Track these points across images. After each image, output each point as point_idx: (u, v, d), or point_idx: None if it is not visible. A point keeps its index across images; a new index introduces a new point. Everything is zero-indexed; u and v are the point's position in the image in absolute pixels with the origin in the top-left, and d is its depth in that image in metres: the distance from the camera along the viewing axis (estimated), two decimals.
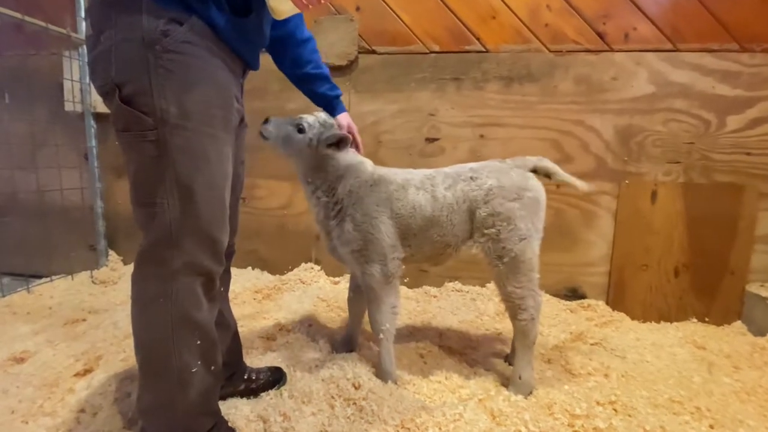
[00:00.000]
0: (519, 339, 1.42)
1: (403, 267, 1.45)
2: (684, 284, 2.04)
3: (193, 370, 1.01)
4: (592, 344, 1.77)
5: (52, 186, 2.33)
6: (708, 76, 1.97)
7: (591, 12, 2.02)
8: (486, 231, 1.37)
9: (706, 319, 2.00)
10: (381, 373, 1.42)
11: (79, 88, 2.34)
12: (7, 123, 2.27)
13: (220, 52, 1.00)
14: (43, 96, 2.39)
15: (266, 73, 1.38)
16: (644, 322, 2.03)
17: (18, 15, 1.97)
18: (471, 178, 1.41)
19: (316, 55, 1.40)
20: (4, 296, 2.04)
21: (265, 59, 1.26)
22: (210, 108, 0.98)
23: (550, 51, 2.07)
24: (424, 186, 1.42)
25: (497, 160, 1.49)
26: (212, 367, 1.07)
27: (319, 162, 1.40)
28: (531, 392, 1.38)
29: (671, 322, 2.03)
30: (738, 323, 1.96)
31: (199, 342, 1.03)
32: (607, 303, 2.12)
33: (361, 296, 1.51)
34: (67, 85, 2.32)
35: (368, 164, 1.47)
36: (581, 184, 1.48)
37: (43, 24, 2.08)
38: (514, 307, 1.39)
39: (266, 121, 1.41)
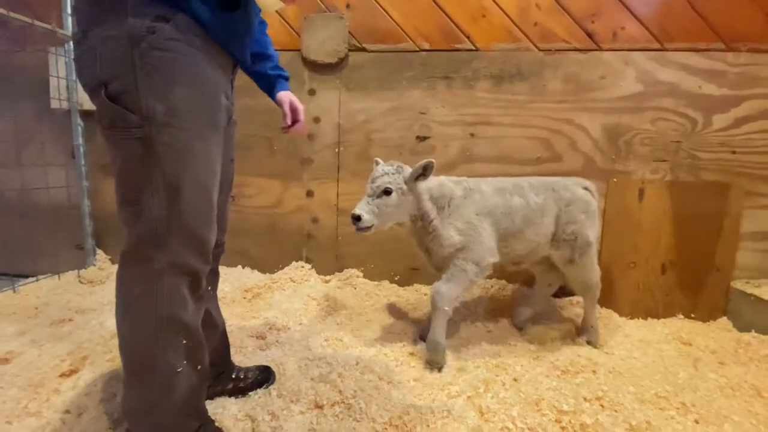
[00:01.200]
0: (589, 302, 1.77)
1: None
2: (671, 281, 2.07)
3: (179, 371, 1.00)
4: (580, 341, 1.78)
5: (37, 184, 2.29)
6: (695, 76, 1.99)
7: (580, 11, 2.03)
8: (565, 237, 1.68)
9: (693, 316, 2.03)
10: (433, 345, 1.53)
11: (65, 85, 2.30)
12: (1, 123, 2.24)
13: (209, 49, 0.99)
14: (28, 93, 2.35)
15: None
16: (632, 318, 2.05)
17: (3, 11, 1.93)
18: (553, 189, 1.70)
19: (266, 38, 1.37)
20: None
21: None
22: (198, 106, 0.97)
23: (540, 50, 2.08)
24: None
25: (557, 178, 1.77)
26: (198, 367, 1.06)
27: (414, 199, 1.55)
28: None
29: (658, 318, 2.05)
30: (723, 319, 1.98)
31: (185, 342, 1.02)
32: None
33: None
34: (53, 82, 2.29)
35: (445, 179, 1.67)
36: None
37: (28, 20, 2.04)
38: (586, 288, 1.76)
39: (357, 218, 1.47)
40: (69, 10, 2.28)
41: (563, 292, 2.18)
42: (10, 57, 2.39)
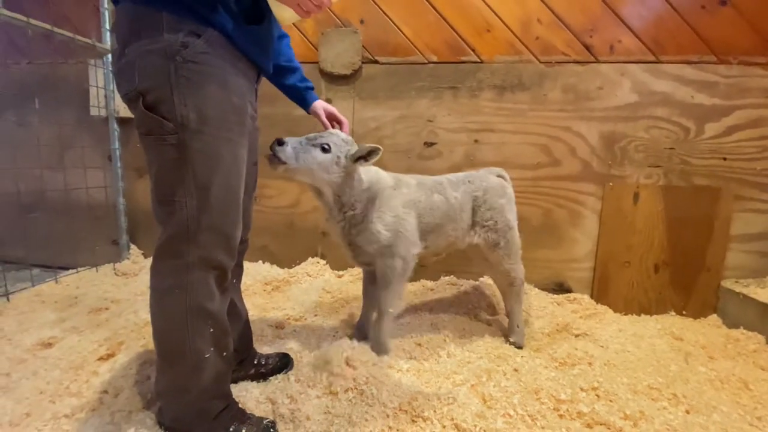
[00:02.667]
0: (515, 300, 1.69)
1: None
2: (663, 280, 2.04)
3: (206, 356, 1.02)
4: (577, 335, 1.76)
5: (78, 185, 2.34)
6: (687, 86, 1.96)
7: (579, 26, 2.01)
8: (485, 223, 1.61)
9: (684, 313, 2.00)
10: (377, 345, 1.46)
11: (103, 94, 2.35)
12: (37, 126, 2.28)
13: (236, 60, 1.01)
14: (70, 101, 2.39)
15: (276, 100, 1.38)
16: (626, 314, 2.03)
17: (48, 26, 1.97)
18: (469, 181, 1.62)
19: (290, 51, 1.38)
20: (33, 286, 2.04)
21: None
22: (226, 114, 0.98)
23: (541, 62, 2.07)
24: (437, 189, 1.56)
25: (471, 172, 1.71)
26: (224, 353, 1.07)
27: (345, 178, 1.35)
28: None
29: (651, 315, 2.02)
30: (713, 316, 1.95)
31: (211, 330, 1.03)
32: (592, 297, 2.11)
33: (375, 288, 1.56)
34: (92, 91, 2.33)
35: (381, 171, 1.52)
36: None
37: (70, 35, 2.08)
38: (510, 280, 1.67)
39: (280, 142, 1.23)
40: (107, 26, 2.32)
41: (561, 288, 2.18)
42: (53, 68, 2.44)
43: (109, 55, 2.33)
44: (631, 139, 2.03)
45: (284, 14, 1.03)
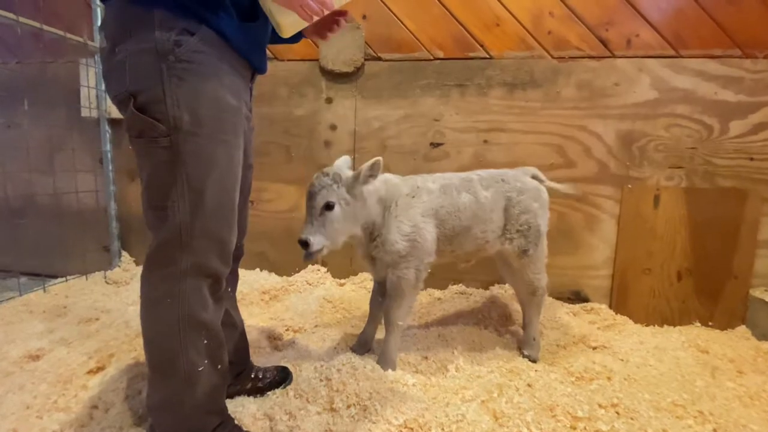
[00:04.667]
0: (534, 312, 1.67)
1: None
2: (687, 288, 2.02)
3: (200, 369, 1.02)
4: (594, 347, 1.75)
5: (68, 189, 2.36)
6: (710, 82, 1.95)
7: (594, 19, 2.02)
8: (519, 227, 1.58)
9: (710, 324, 1.98)
10: (384, 359, 1.46)
11: (95, 94, 2.38)
12: (26, 128, 2.31)
13: (230, 59, 1.02)
14: (60, 102, 2.43)
15: (274, 78, 1.38)
16: (647, 325, 2.01)
17: (37, 24, 2.01)
18: (502, 180, 1.60)
19: None
20: (21, 295, 2.06)
21: (273, 66, 1.26)
22: (221, 114, 0.99)
23: (553, 57, 2.07)
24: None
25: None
26: (219, 366, 1.07)
27: (362, 204, 1.39)
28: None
29: (674, 326, 2.00)
30: (742, 327, 1.93)
31: (205, 341, 1.04)
32: (610, 306, 2.10)
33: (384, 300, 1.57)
34: (83, 91, 2.36)
35: (393, 178, 1.53)
36: (565, 188, 1.73)
37: (61, 33, 2.12)
38: (533, 289, 1.64)
39: (304, 243, 1.31)
40: (99, 23, 2.35)
41: (577, 297, 2.16)
42: (43, 68, 2.48)
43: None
44: (650, 139, 2.02)
45: (285, 21, 1.03)
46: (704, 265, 1.99)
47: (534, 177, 1.68)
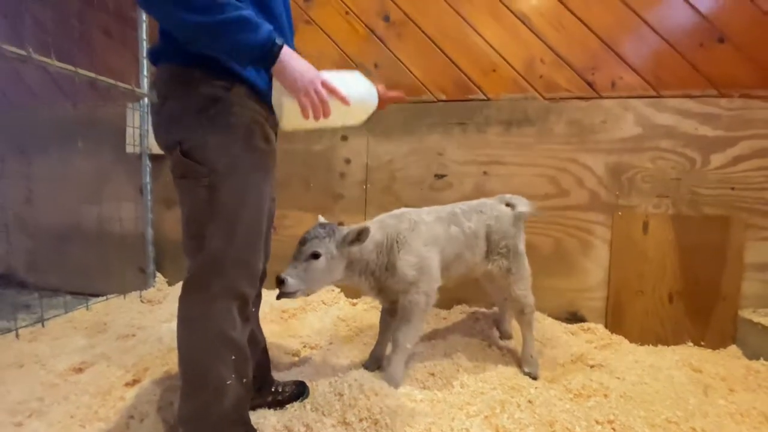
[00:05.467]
0: (527, 329, 1.67)
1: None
2: (678, 309, 1.99)
3: (228, 383, 1.05)
4: (592, 365, 1.72)
5: (112, 216, 2.47)
6: (690, 119, 1.99)
7: (580, 64, 2.09)
8: (499, 250, 1.65)
9: (702, 343, 1.94)
10: (389, 378, 1.45)
11: (138, 133, 2.51)
12: (79, 164, 2.45)
13: (261, 109, 1.09)
14: (108, 140, 2.57)
15: (296, 137, 1.46)
16: (642, 345, 1.97)
17: (93, 75, 2.16)
18: (481, 211, 1.67)
19: None
20: (66, 313, 2.13)
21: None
22: (253, 157, 1.06)
23: (545, 98, 2.14)
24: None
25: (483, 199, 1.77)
26: (244, 380, 1.10)
27: (350, 258, 1.40)
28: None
29: (668, 345, 1.96)
30: (733, 347, 1.88)
31: (233, 357, 1.07)
32: (606, 326, 2.07)
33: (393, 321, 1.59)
34: (128, 131, 2.50)
35: (387, 219, 1.55)
36: (530, 208, 1.77)
37: (112, 81, 2.27)
38: (521, 306, 1.66)
39: (281, 282, 1.29)
40: (145, 72, 2.51)
41: (574, 317, 2.14)
42: (95, 110, 2.64)
43: (146, 99, 2.51)
44: (637, 170, 2.05)
45: (293, 122, 1.05)
46: (694, 288, 1.97)
47: (508, 204, 1.75)
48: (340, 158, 2.38)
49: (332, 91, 0.99)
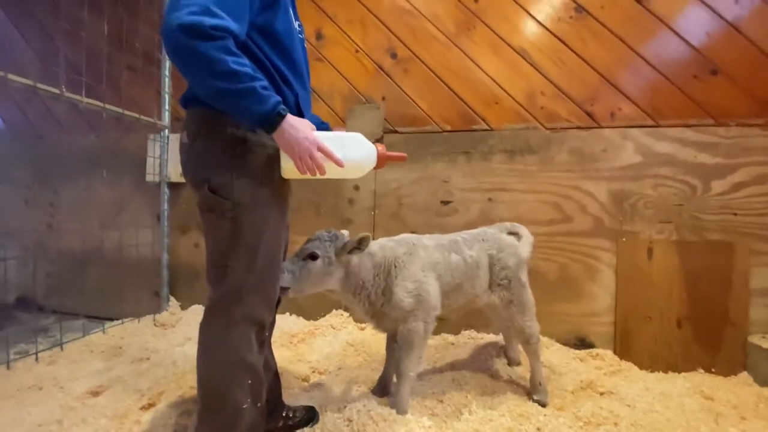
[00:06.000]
0: (534, 358, 1.67)
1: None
2: (687, 335, 1.99)
3: (244, 407, 1.09)
4: (601, 393, 1.72)
5: (130, 242, 2.57)
6: (689, 147, 2.05)
7: (580, 96, 2.19)
8: (500, 282, 1.63)
9: (713, 370, 1.92)
10: (396, 407, 1.46)
11: (158, 163, 2.64)
12: (101, 191, 2.57)
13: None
14: (128, 169, 2.71)
15: None
16: (652, 371, 1.96)
17: (119, 110, 2.30)
18: (483, 240, 1.65)
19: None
20: (84, 336, 2.19)
21: None
22: (273, 193, 1.14)
23: (546, 128, 2.22)
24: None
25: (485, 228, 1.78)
26: (258, 404, 1.14)
27: (347, 269, 1.40)
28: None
29: (679, 372, 1.95)
30: (744, 374, 1.86)
31: (250, 382, 1.12)
32: (615, 352, 2.07)
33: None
34: (149, 161, 2.63)
35: (387, 242, 1.54)
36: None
37: (137, 116, 2.41)
38: (526, 337, 1.65)
39: None
40: (167, 106, 2.67)
41: (583, 343, 2.14)
42: (118, 141, 2.79)
43: (166, 131, 2.66)
44: (639, 197, 2.09)
45: (286, 165, 1.11)
46: (702, 313, 1.97)
47: (510, 232, 1.75)
48: (349, 185, 2.47)
49: (328, 155, 1.07)
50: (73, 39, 2.33)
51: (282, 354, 2.04)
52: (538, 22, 2.23)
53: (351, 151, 1.12)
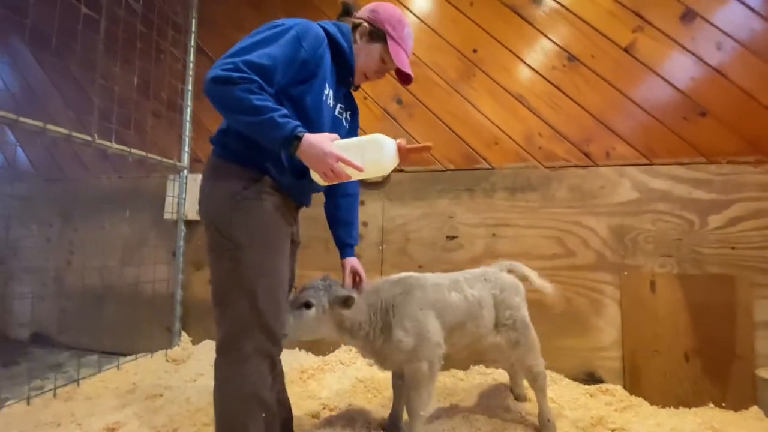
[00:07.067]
0: (541, 395, 1.68)
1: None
2: (696, 369, 1.99)
3: None
4: (613, 429, 1.72)
5: (147, 278, 2.66)
6: (683, 184, 2.14)
7: (576, 137, 2.32)
8: (505, 322, 1.63)
9: (723, 405, 1.91)
10: None
11: (177, 201, 2.78)
12: (119, 229, 2.71)
13: (283, 199, 1.30)
14: (147, 208, 2.85)
15: (319, 205, 1.64)
16: (663, 407, 1.96)
17: (143, 153, 2.47)
18: (485, 279, 1.66)
19: (354, 211, 1.64)
20: (99, 372, 2.24)
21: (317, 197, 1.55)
22: (270, 236, 1.25)
23: (545, 167, 2.35)
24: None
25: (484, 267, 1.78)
26: None
27: (341, 318, 1.42)
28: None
29: (689, 407, 1.94)
30: (755, 408, 1.85)
31: (264, 415, 1.18)
32: (625, 387, 2.07)
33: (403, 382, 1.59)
34: (168, 200, 2.77)
35: (382, 283, 1.57)
36: (545, 287, 1.75)
37: (159, 158, 2.58)
38: (533, 375, 1.67)
39: None
40: (186, 149, 2.84)
41: (592, 378, 2.15)
42: (138, 181, 2.95)
43: (185, 171, 2.82)
44: (639, 232, 2.17)
45: (316, 177, 1.24)
46: (709, 347, 1.99)
47: (510, 270, 1.75)
48: (358, 221, 2.57)
49: (348, 164, 1.17)
50: (104, 90, 2.54)
51: (292, 390, 2.06)
52: (534, 69, 2.41)
53: (371, 153, 1.21)
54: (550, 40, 2.39)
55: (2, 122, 1.75)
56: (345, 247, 1.64)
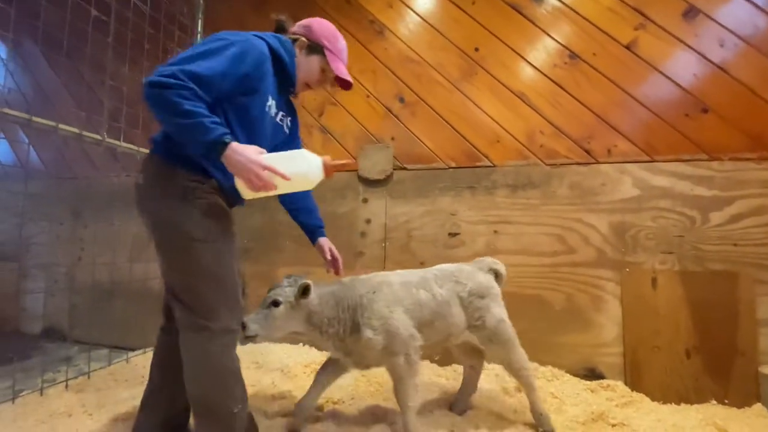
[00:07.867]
0: (529, 389, 1.66)
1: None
2: (697, 366, 1.99)
3: (235, 411, 1.25)
4: (614, 425, 1.72)
5: (155, 275, 2.71)
6: (685, 181, 2.14)
7: (577, 134, 2.33)
8: (475, 323, 1.63)
9: (726, 401, 1.91)
10: None
11: None
12: (128, 226, 2.76)
13: (223, 198, 1.37)
14: None
15: (322, 185, 1.62)
16: (664, 403, 1.96)
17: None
18: (455, 281, 1.65)
19: (307, 196, 1.74)
20: (109, 365, 2.29)
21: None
22: (220, 229, 1.32)
23: (546, 164, 2.36)
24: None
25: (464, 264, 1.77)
26: (242, 405, 1.31)
27: (308, 311, 1.46)
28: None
29: (691, 403, 1.94)
30: (758, 405, 1.85)
31: (236, 387, 1.29)
32: (626, 383, 2.07)
33: (333, 367, 1.67)
34: None
35: (350, 282, 1.59)
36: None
37: None
38: (514, 371, 1.65)
39: (243, 326, 1.37)
40: None
41: (593, 373, 2.15)
42: None
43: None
44: (639, 228, 2.17)
45: (240, 187, 1.27)
46: (710, 343, 1.99)
47: (491, 269, 1.73)
48: (361, 219, 2.61)
49: (273, 172, 1.21)
50: (113, 90, 2.59)
51: (297, 384, 2.11)
52: (535, 67, 2.42)
53: (296, 166, 1.27)
54: (552, 37, 2.40)
55: (17, 122, 1.81)
56: (315, 229, 1.75)
